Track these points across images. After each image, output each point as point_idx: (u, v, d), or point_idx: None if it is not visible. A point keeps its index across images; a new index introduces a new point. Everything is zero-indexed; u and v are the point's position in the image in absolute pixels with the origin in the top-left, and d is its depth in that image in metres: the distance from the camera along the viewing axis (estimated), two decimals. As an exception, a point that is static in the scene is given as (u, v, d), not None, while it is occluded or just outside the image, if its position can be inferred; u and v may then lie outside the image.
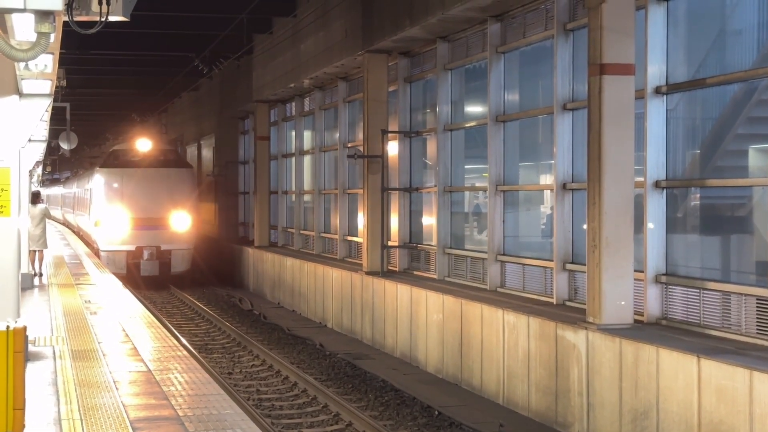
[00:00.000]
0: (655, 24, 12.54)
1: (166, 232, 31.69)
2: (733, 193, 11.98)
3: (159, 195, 31.91)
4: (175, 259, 31.66)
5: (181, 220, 31.91)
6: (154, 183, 32.07)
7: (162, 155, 33.56)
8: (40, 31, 4.62)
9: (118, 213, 31.45)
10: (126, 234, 31.32)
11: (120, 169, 32.47)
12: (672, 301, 12.43)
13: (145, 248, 31.25)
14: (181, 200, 32.08)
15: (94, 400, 9.14)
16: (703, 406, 10.17)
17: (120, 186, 31.98)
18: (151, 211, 31.62)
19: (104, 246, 31.34)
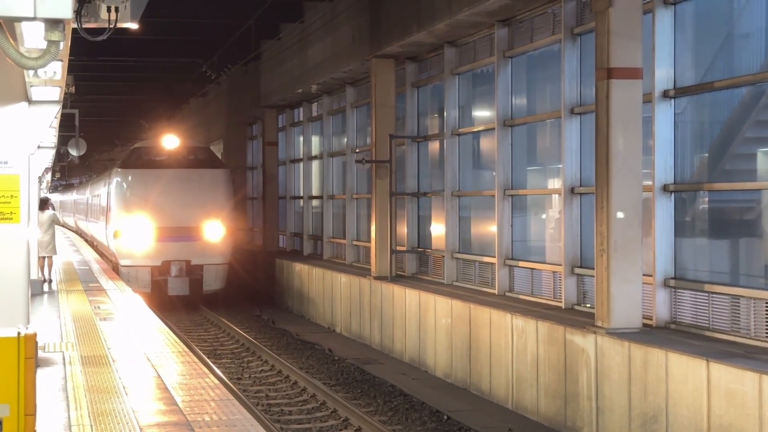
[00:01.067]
0: (663, 28, 12.54)
1: (198, 243, 27.14)
2: (742, 196, 11.96)
3: (189, 200, 27.23)
4: (208, 275, 27.14)
5: (215, 230, 27.28)
6: (183, 186, 27.38)
7: (192, 154, 28.71)
8: (50, 39, 4.65)
9: (140, 222, 26.82)
10: (150, 246, 26.79)
11: (143, 170, 27.67)
12: (681, 304, 12.41)
13: (173, 263, 26.74)
14: (216, 206, 27.42)
15: (103, 405, 9.16)
16: (712, 409, 10.15)
17: (143, 190, 27.21)
18: (179, 219, 27.03)
19: (125, 260, 26.81)
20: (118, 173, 27.96)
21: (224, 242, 27.49)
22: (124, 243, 26.89)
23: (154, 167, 27.70)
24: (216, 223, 27.30)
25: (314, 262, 25.80)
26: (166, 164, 27.82)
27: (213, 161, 29.09)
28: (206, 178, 27.82)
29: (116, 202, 27.47)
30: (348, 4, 21.83)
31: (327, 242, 26.66)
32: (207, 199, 27.38)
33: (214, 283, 27.31)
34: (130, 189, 27.42)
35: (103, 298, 18.82)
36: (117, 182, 27.74)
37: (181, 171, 27.71)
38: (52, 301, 18.09)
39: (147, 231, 26.85)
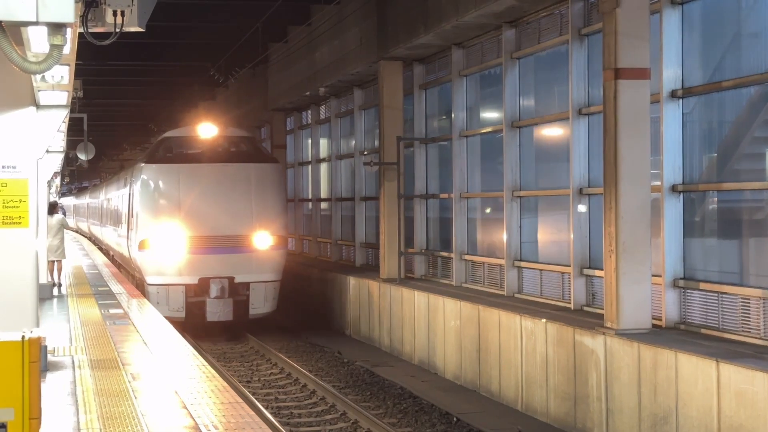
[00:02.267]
0: (670, 28, 12.51)
1: (244, 256, 22.16)
2: (751, 196, 11.92)
3: (233, 202, 22.22)
4: (256, 295, 22.04)
5: (266, 239, 22.31)
6: (225, 185, 22.32)
7: (235, 144, 23.46)
8: (53, 44, 4.65)
9: (172, 229, 21.78)
10: (185, 260, 21.75)
11: (175, 165, 22.50)
12: (690, 305, 12.38)
13: (213, 281, 21.63)
14: (265, 209, 22.42)
15: (113, 409, 9.17)
16: (722, 410, 10.12)
17: (176, 189, 22.13)
18: (221, 226, 22.02)
19: (153, 277, 21.85)
20: (144, 170, 22.63)
21: (276, 254, 22.42)
22: (151, 256, 21.87)
23: (189, 161, 22.59)
24: (266, 231, 22.32)
25: (324, 265, 25.78)
26: (203, 158, 22.65)
27: (260, 153, 23.80)
28: (253, 174, 22.52)
29: (142, 205, 22.31)
30: (355, 6, 21.84)
31: (334, 244, 26.66)
32: (255, 201, 22.31)
33: (263, 305, 22.18)
34: (160, 189, 22.29)
35: (112, 301, 18.84)
36: (143, 181, 22.45)
37: (223, 166, 22.49)
38: (62, 305, 18.12)
39: (180, 241, 21.73)
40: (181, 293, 21.66)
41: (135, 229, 22.76)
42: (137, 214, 22.57)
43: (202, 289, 21.76)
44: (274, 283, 22.42)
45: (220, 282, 21.76)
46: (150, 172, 22.55)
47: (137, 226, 22.51)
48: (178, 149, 23.16)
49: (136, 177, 23.19)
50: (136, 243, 22.37)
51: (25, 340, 5.14)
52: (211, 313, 21.62)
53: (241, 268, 22.02)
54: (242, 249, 22.18)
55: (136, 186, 23.11)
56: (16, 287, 10.46)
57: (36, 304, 10.80)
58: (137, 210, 22.60)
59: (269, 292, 22.24)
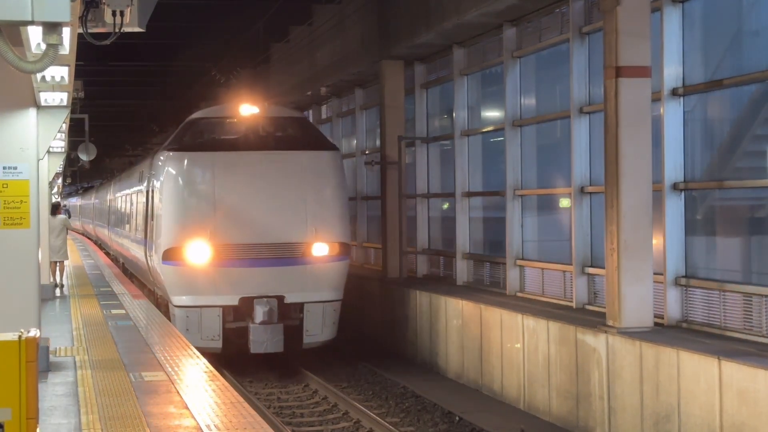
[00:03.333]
0: (671, 26, 12.50)
1: (297, 270, 17.38)
2: (753, 194, 11.91)
3: (283, 200, 17.52)
4: (313, 319, 17.42)
5: (325, 248, 17.52)
6: (273, 178, 17.59)
7: (284, 127, 18.58)
8: (48, 43, 4.66)
9: (205, 235, 17.08)
10: (221, 275, 17.16)
11: (210, 154, 17.64)
12: (692, 303, 12.37)
13: (258, 301, 16.98)
14: (324, 210, 17.66)
15: (115, 409, 9.17)
16: (724, 408, 10.10)
17: (211, 184, 17.33)
18: (267, 231, 17.36)
19: (180, 297, 17.25)
20: (169, 160, 17.84)
21: (337, 267, 17.63)
22: (179, 270, 17.17)
23: (226, 149, 17.74)
24: (325, 237, 17.53)
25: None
26: (243, 144, 17.85)
27: (316, 138, 18.67)
28: (309, 164, 17.71)
29: (166, 204, 17.59)
30: (356, 6, 21.84)
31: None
32: (310, 199, 17.54)
33: (321, 332, 17.49)
34: (189, 183, 17.50)
35: (114, 302, 18.85)
36: (167, 174, 17.67)
37: (269, 154, 17.72)
38: (64, 306, 18.12)
39: (216, 251, 17.08)
40: (216, 317, 16.94)
41: (157, 236, 17.83)
42: (160, 216, 17.69)
43: (244, 311, 17.07)
44: (334, 304, 17.55)
45: (267, 303, 16.92)
46: (176, 162, 17.56)
47: (160, 231, 17.60)
48: (211, 133, 18.23)
49: (158, 169, 18.34)
50: (159, 253, 17.47)
51: (22, 340, 5.14)
52: (256, 343, 16.81)
53: (294, 284, 17.24)
54: (295, 260, 17.29)
55: (157, 181, 18.29)
56: (17, 288, 10.47)
57: (38, 305, 10.80)
58: (160, 211, 17.75)
59: (328, 315, 17.43)
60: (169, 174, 17.67)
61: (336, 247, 17.56)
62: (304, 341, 17.46)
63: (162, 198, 17.80)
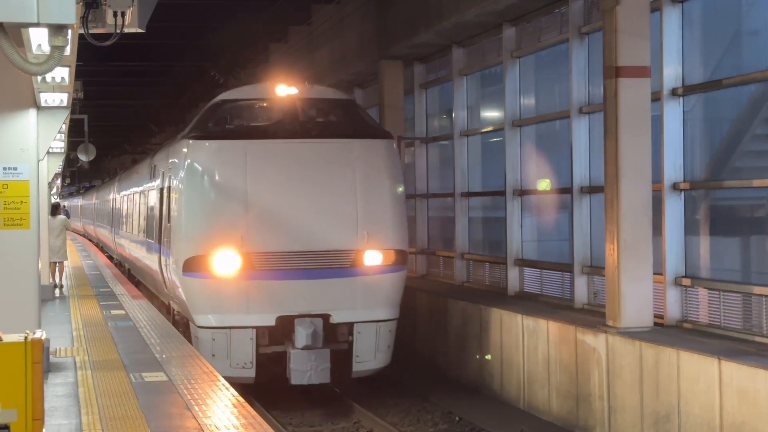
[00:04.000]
0: (671, 26, 12.51)
1: (346, 283, 14.51)
2: (753, 194, 11.92)
3: (329, 198, 14.58)
4: (364, 343, 14.50)
5: (378, 255, 14.60)
6: (317, 172, 14.64)
7: (330, 111, 15.52)
8: (54, 45, 4.66)
9: (236, 242, 14.19)
10: (255, 289, 14.28)
11: (242, 143, 14.59)
12: (692, 303, 12.37)
13: (300, 321, 14.12)
14: (377, 209, 14.70)
15: (115, 410, 9.17)
16: (724, 408, 10.11)
17: (242, 179, 14.37)
18: (311, 235, 14.41)
19: (204, 316, 14.36)
20: (191, 150, 14.79)
21: (393, 279, 14.72)
22: (203, 284, 14.34)
23: (261, 136, 14.70)
24: (379, 244, 14.57)
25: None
26: (281, 131, 14.73)
27: (367, 125, 15.61)
28: (359, 155, 14.73)
29: (188, 204, 14.67)
30: (355, 5, 21.85)
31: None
32: (361, 197, 14.59)
33: (374, 358, 14.58)
34: (216, 178, 14.48)
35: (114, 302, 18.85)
36: (189, 167, 14.68)
37: (312, 144, 14.67)
38: (64, 307, 18.12)
39: (248, 260, 14.19)
40: (249, 340, 14.11)
41: (175, 241, 14.92)
42: (179, 218, 14.76)
43: (283, 333, 14.19)
44: (389, 324, 14.62)
45: (311, 323, 14.02)
46: (200, 152, 14.61)
47: (179, 236, 14.72)
48: (242, 118, 15.21)
49: (177, 162, 15.42)
50: (178, 262, 14.56)
51: (28, 341, 5.15)
52: (297, 373, 13.94)
53: (342, 300, 14.35)
54: (343, 271, 14.39)
55: (176, 175, 15.33)
56: (17, 288, 10.48)
57: (38, 306, 10.81)
58: (179, 212, 14.77)
59: (383, 338, 14.55)
60: (191, 167, 14.54)
61: (391, 255, 14.56)
62: (353, 369, 14.47)
63: (182, 196, 14.64)
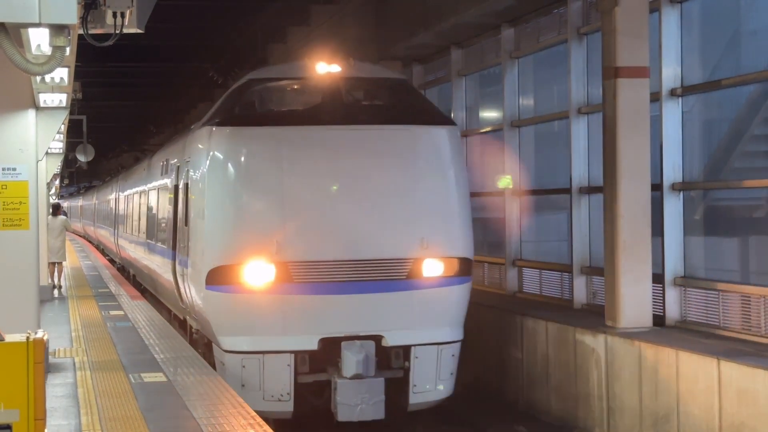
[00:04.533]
0: (669, 26, 12.52)
1: (402, 297, 12.15)
2: (751, 194, 11.94)
3: (380, 198, 12.23)
4: (424, 369, 12.13)
5: (439, 264, 12.26)
6: (367, 166, 12.31)
7: (380, 93, 13.30)
8: (55, 45, 4.66)
9: (269, 249, 11.86)
10: (293, 306, 11.95)
11: (276, 130, 12.29)
12: (691, 303, 12.38)
13: (348, 345, 11.81)
14: (439, 210, 12.34)
15: (115, 411, 9.17)
16: (724, 408, 10.12)
17: (277, 174, 12.06)
18: (360, 242, 12.09)
19: (231, 338, 12.00)
20: (215, 139, 12.36)
21: (457, 292, 12.33)
22: (231, 300, 11.95)
23: (299, 122, 12.33)
24: (440, 251, 12.20)
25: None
26: (323, 116, 12.35)
27: (425, 109, 13.04)
28: (416, 146, 12.35)
29: (212, 204, 12.18)
30: (354, 6, 21.85)
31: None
32: (420, 196, 12.21)
33: (435, 387, 12.20)
34: (247, 173, 12.12)
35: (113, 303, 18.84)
36: (213, 160, 12.27)
37: (360, 131, 12.36)
38: (62, 307, 18.12)
39: (285, 271, 11.83)
40: (286, 367, 11.75)
41: (195, 249, 12.65)
42: (200, 220, 12.38)
43: (327, 359, 11.84)
44: (453, 347, 12.20)
45: (361, 347, 11.68)
46: (226, 142, 12.22)
47: (200, 242, 12.36)
48: (275, 101, 13.02)
49: (197, 153, 13.06)
50: (199, 274, 12.18)
51: (30, 341, 5.15)
52: (344, 407, 11.56)
53: (397, 318, 11.97)
54: (398, 284, 12.01)
55: (195, 169, 13.04)
56: (16, 289, 10.48)
57: (37, 306, 10.81)
58: (200, 213, 12.38)
59: (445, 363, 12.13)
60: (215, 159, 12.13)
61: (454, 264, 12.17)
62: (410, 401, 12.06)
63: (204, 195, 12.24)
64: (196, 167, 12.99)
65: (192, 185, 13.22)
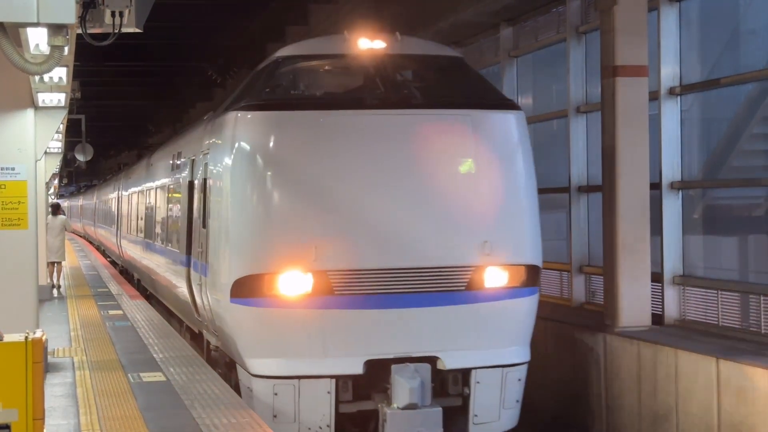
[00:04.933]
0: (668, 25, 12.52)
1: (461, 312, 10.23)
2: (750, 192, 11.94)
3: (434, 195, 10.26)
4: (485, 396, 10.30)
5: (503, 273, 10.39)
6: (417, 156, 10.31)
7: (430, 72, 11.56)
8: (53, 45, 4.66)
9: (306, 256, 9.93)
10: (333, 323, 10.05)
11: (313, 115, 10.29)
12: (690, 302, 12.39)
13: (399, 368, 9.93)
14: (502, 210, 10.45)
15: (114, 410, 9.17)
16: (722, 407, 10.12)
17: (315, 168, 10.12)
18: (409, 247, 10.16)
19: (262, 362, 10.10)
20: (241, 126, 10.55)
21: (524, 305, 10.60)
22: (261, 315, 10.17)
23: (338, 106, 10.57)
24: (505, 257, 10.45)
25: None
26: (368, 99, 10.69)
27: (486, 91, 11.33)
28: (477, 134, 10.55)
29: (238, 202, 10.40)
30: (353, 6, 21.84)
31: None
32: (482, 192, 10.48)
33: (499, 418, 10.51)
34: (279, 166, 10.30)
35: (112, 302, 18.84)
36: (239, 150, 10.48)
37: (411, 116, 10.57)
38: (61, 307, 18.11)
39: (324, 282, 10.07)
40: (326, 395, 10.01)
41: (216, 255, 10.80)
42: (223, 222, 10.53)
43: (374, 385, 10.10)
44: (519, 369, 10.49)
45: (415, 371, 9.90)
46: (255, 129, 10.40)
47: (224, 248, 10.50)
48: (310, 82, 11.34)
49: (219, 144, 11.25)
50: (223, 284, 10.34)
51: (28, 341, 5.15)
52: None
53: (455, 336, 10.20)
54: (457, 296, 10.24)
55: (216, 162, 11.30)
56: (16, 289, 10.48)
57: (36, 306, 10.81)
58: (224, 214, 10.53)
59: (511, 388, 10.45)
60: (242, 150, 10.31)
61: (521, 272, 10.43)
62: None
63: (228, 192, 10.44)
64: (218, 160, 11.12)
65: (212, 181, 11.38)
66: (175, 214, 14.76)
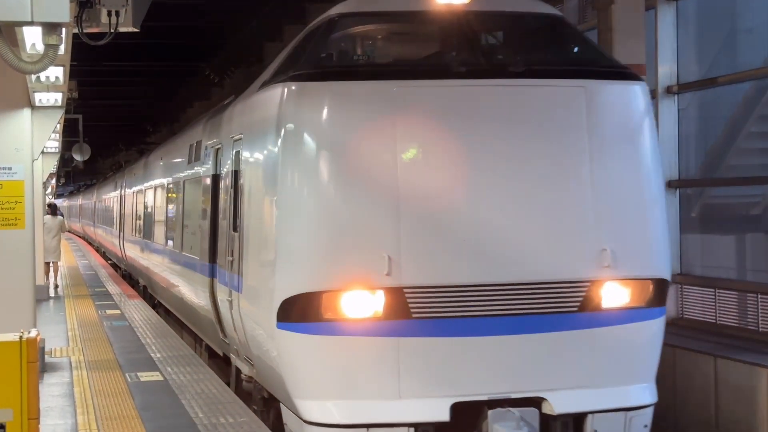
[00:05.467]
0: (665, 24, 12.52)
1: (573, 339, 7.80)
2: (747, 191, 11.94)
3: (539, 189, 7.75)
4: None
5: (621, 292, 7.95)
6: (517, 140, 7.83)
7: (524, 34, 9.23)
8: (48, 44, 4.66)
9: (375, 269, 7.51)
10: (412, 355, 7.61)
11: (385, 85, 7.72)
12: (687, 300, 12.39)
13: (496, 414, 7.52)
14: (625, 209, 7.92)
15: (111, 410, 9.16)
16: (720, 405, 10.12)
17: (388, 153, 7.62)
18: (507, 257, 7.73)
19: (319, 406, 7.70)
20: (289, 101, 7.93)
21: (651, 328, 8.13)
22: (317, 345, 7.74)
23: (417, 76, 7.92)
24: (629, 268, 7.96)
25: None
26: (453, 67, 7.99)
27: (600, 58, 8.79)
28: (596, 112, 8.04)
29: (285, 204, 7.83)
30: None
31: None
32: (601, 188, 7.93)
33: None
34: (338, 156, 7.74)
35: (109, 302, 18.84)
36: (286, 135, 7.87)
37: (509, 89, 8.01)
38: (59, 307, 18.10)
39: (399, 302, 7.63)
40: None
41: (257, 267, 8.68)
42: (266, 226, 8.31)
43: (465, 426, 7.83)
44: (645, 413, 8.15)
45: (519, 418, 7.62)
46: (311, 105, 7.92)
47: (268, 260, 8.17)
48: (378, 45, 9.00)
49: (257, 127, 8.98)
50: (266, 304, 8.15)
51: (23, 341, 5.15)
52: None
53: (567, 371, 7.94)
54: (569, 319, 7.96)
55: (253, 151, 9.09)
56: (12, 289, 10.47)
57: (33, 306, 10.80)
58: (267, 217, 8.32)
59: None
60: (292, 134, 7.93)
61: (647, 288, 8.19)
62: None
63: (273, 188, 8.09)
64: (255, 147, 8.88)
65: (247, 174, 9.17)
66: (193, 213, 12.69)
